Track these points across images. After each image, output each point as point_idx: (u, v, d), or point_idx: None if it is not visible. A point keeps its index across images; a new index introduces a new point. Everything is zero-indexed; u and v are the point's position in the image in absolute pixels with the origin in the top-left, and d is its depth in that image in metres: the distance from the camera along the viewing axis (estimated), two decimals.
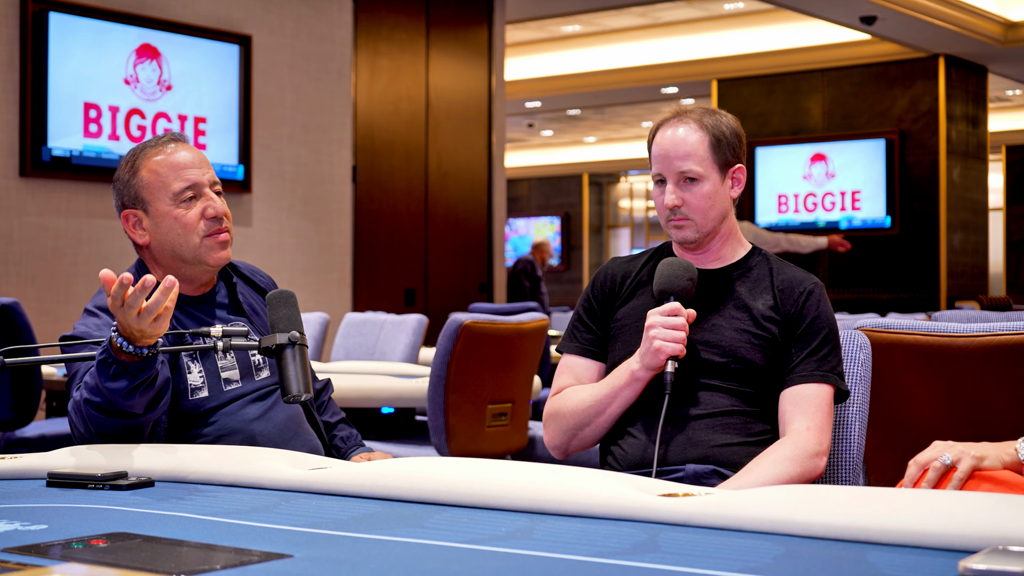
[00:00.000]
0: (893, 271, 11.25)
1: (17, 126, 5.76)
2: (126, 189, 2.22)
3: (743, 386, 2.18)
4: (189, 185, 2.19)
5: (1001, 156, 16.46)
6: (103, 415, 1.93)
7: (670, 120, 2.26)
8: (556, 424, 2.27)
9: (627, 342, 2.25)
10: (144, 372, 1.91)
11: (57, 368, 4.34)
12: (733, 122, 2.29)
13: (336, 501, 1.53)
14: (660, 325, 2.13)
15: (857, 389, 2.24)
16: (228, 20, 6.66)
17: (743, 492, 1.38)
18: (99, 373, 1.90)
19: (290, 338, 1.96)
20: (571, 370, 2.32)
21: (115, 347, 1.88)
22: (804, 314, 2.19)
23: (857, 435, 2.23)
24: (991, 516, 1.20)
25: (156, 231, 2.20)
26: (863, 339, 2.29)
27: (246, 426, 2.15)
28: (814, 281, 2.24)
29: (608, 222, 20.40)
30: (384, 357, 5.05)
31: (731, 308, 2.22)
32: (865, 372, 2.26)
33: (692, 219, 2.24)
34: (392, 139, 7.85)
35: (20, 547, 1.23)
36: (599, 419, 2.22)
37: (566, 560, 1.17)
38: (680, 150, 2.23)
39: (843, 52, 11.44)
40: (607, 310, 2.32)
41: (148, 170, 2.20)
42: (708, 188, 2.23)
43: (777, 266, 2.27)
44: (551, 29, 12.05)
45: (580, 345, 2.32)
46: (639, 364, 2.16)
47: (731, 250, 2.30)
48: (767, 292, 2.22)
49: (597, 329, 2.32)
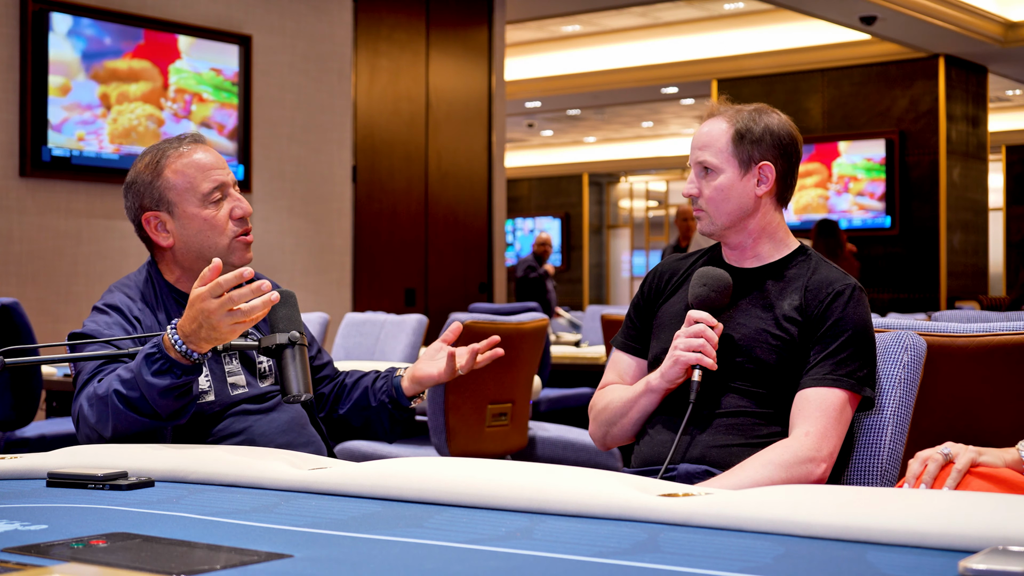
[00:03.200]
0: (893, 271, 11.25)
1: (17, 126, 5.76)
2: (148, 191, 2.19)
3: (756, 386, 2.16)
4: (217, 186, 2.19)
5: (1001, 156, 16.45)
6: (131, 411, 1.92)
7: (708, 116, 2.29)
8: (594, 417, 2.34)
9: (662, 339, 2.27)
10: (188, 375, 1.91)
11: (57, 368, 4.34)
12: (778, 121, 2.25)
13: (336, 501, 1.53)
14: (683, 335, 2.15)
15: (894, 392, 2.14)
16: (228, 20, 6.66)
17: (743, 492, 1.38)
18: (144, 366, 1.89)
19: (290, 338, 1.96)
20: (615, 365, 2.37)
21: (167, 343, 1.89)
22: (827, 315, 2.14)
23: (889, 440, 2.13)
24: (991, 516, 1.20)
25: (183, 232, 2.19)
26: (916, 341, 2.18)
27: (249, 428, 2.15)
28: (848, 283, 2.17)
29: (608, 222, 20.40)
30: (384, 357, 5.05)
31: (757, 308, 2.21)
32: (907, 375, 2.16)
33: (706, 211, 2.25)
34: (392, 139, 7.85)
35: (20, 547, 1.23)
36: (623, 420, 2.27)
37: (566, 560, 1.17)
38: (701, 141, 2.25)
39: (843, 52, 11.44)
40: (652, 307, 2.35)
41: (174, 171, 2.19)
42: (722, 181, 2.22)
43: (816, 267, 2.22)
44: (551, 29, 12.05)
45: (625, 341, 2.37)
46: (658, 375, 2.18)
47: (771, 249, 2.27)
48: (797, 293, 2.19)
49: (641, 326, 2.35)
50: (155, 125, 6.22)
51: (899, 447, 2.15)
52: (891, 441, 2.14)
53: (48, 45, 5.79)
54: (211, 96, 6.50)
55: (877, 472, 2.13)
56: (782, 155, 2.24)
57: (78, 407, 2.00)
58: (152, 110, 6.21)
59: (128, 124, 6.09)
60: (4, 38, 5.73)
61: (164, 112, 6.26)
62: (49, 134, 5.79)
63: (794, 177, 2.29)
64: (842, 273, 2.21)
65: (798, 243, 2.30)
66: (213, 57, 6.52)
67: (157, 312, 2.19)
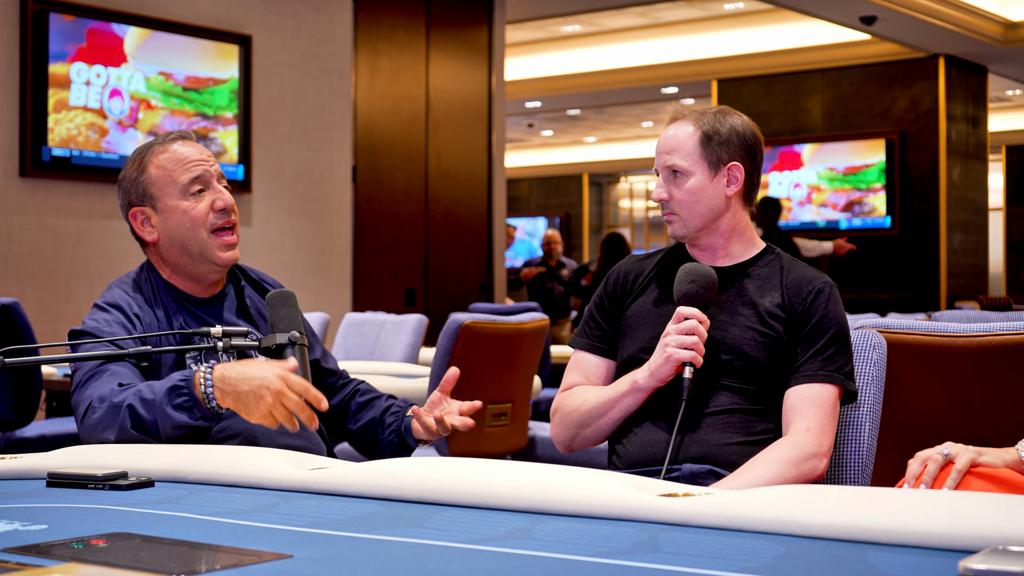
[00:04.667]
0: (893, 271, 11.25)
1: (17, 126, 5.76)
2: (134, 187, 2.22)
3: (746, 384, 2.17)
4: (196, 176, 2.19)
5: (1001, 156, 16.45)
6: (139, 431, 1.91)
7: (671, 120, 2.30)
8: (560, 420, 2.30)
9: (635, 338, 2.26)
10: (206, 420, 1.91)
11: (57, 368, 4.34)
12: (741, 122, 2.27)
13: (336, 501, 1.53)
14: (673, 332, 2.14)
15: (869, 390, 2.22)
16: (228, 20, 6.66)
17: (743, 492, 1.38)
18: (166, 395, 1.89)
19: (290, 338, 1.96)
20: (580, 366, 2.34)
21: (196, 382, 1.88)
22: (812, 313, 2.18)
23: (867, 436, 2.21)
24: (991, 516, 1.20)
25: (164, 226, 2.20)
26: (878, 339, 2.26)
27: (249, 428, 2.15)
28: (824, 280, 2.22)
29: (608, 222, 20.40)
30: (384, 357, 5.05)
31: (738, 305, 2.22)
32: (878, 372, 2.23)
33: (678, 214, 2.26)
34: (392, 139, 7.85)
35: (20, 547, 1.23)
36: (600, 421, 2.24)
37: (566, 560, 1.17)
38: (668, 145, 2.26)
39: (843, 52, 11.44)
40: (618, 307, 2.34)
41: (156, 166, 2.21)
42: (692, 183, 2.23)
43: (788, 265, 2.26)
44: (551, 29, 12.05)
45: (589, 342, 2.35)
46: (646, 374, 2.17)
47: (741, 248, 2.29)
48: (776, 290, 2.22)
49: (607, 326, 2.34)
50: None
51: (875, 441, 2.23)
52: (868, 436, 2.22)
53: (48, 45, 5.78)
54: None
55: (858, 466, 2.21)
56: (748, 155, 2.27)
57: (86, 405, 1.98)
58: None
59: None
60: (4, 38, 5.73)
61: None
62: (49, 134, 5.79)
63: (759, 176, 2.32)
64: (815, 271, 2.26)
65: (763, 242, 2.33)
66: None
67: (156, 309, 2.20)
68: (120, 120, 6.06)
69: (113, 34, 6.05)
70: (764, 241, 2.34)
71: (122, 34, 6.09)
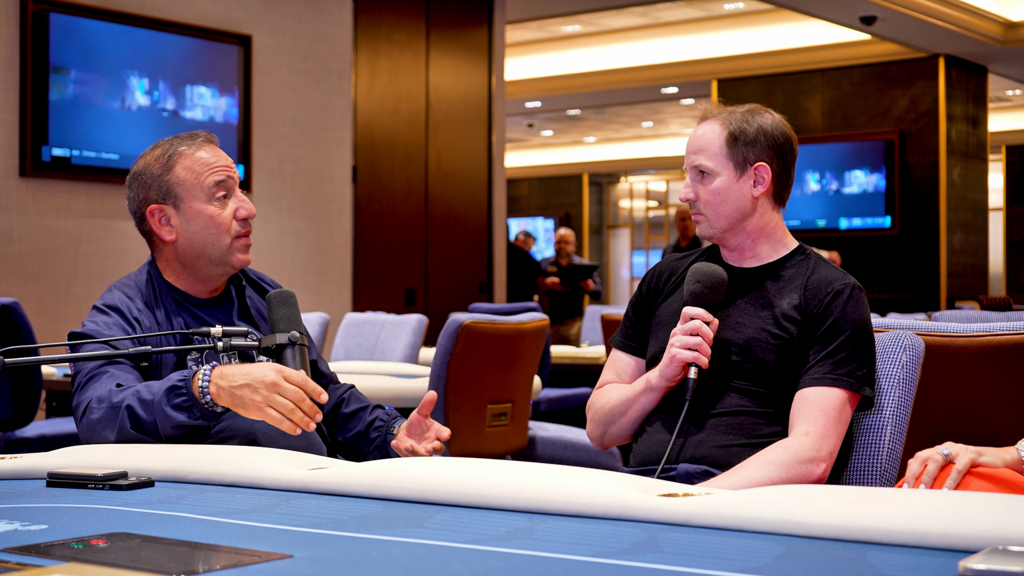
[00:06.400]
0: (893, 271, 11.25)
1: (17, 126, 5.76)
2: (156, 183, 2.20)
3: (756, 386, 2.16)
4: (221, 181, 2.20)
5: (1001, 156, 16.46)
6: (138, 431, 1.92)
7: (701, 119, 2.29)
8: (592, 417, 2.35)
9: (660, 338, 2.27)
10: (205, 420, 1.91)
11: (57, 368, 4.34)
12: (771, 122, 2.25)
13: (336, 501, 1.53)
14: (679, 333, 2.15)
15: (894, 392, 2.14)
16: (228, 20, 6.66)
17: (743, 492, 1.38)
18: (165, 395, 1.90)
19: (290, 338, 1.96)
20: (613, 364, 2.37)
21: (195, 380, 1.89)
22: (827, 314, 2.14)
23: (888, 440, 2.12)
24: (991, 516, 1.20)
25: (187, 228, 2.19)
26: (914, 341, 2.18)
27: (249, 428, 2.15)
28: (847, 282, 2.17)
29: (608, 222, 20.41)
30: (384, 357, 5.05)
31: (756, 307, 2.21)
32: (906, 375, 2.15)
33: (704, 214, 2.25)
34: (392, 139, 7.85)
35: (20, 547, 1.23)
36: (622, 420, 2.27)
37: (566, 560, 1.17)
38: (695, 145, 2.25)
39: (843, 52, 11.44)
40: (650, 306, 2.35)
41: (184, 167, 2.19)
42: (718, 184, 2.22)
43: (815, 266, 2.23)
44: (551, 29, 12.05)
45: (623, 340, 2.38)
46: (657, 373, 2.19)
47: (770, 249, 2.27)
48: (796, 292, 2.19)
49: (640, 325, 2.35)
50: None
51: (898, 447, 2.14)
52: (890, 441, 2.14)
53: (48, 45, 5.78)
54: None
55: (876, 472, 2.13)
56: (777, 155, 2.24)
57: (85, 406, 1.99)
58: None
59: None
60: (4, 38, 5.73)
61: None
62: (49, 134, 5.79)
63: (791, 176, 2.28)
64: (841, 272, 2.22)
65: (796, 243, 2.30)
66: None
67: (156, 312, 2.19)
68: (120, 120, 6.05)
69: (113, 34, 6.05)
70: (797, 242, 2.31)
71: (122, 34, 6.09)
